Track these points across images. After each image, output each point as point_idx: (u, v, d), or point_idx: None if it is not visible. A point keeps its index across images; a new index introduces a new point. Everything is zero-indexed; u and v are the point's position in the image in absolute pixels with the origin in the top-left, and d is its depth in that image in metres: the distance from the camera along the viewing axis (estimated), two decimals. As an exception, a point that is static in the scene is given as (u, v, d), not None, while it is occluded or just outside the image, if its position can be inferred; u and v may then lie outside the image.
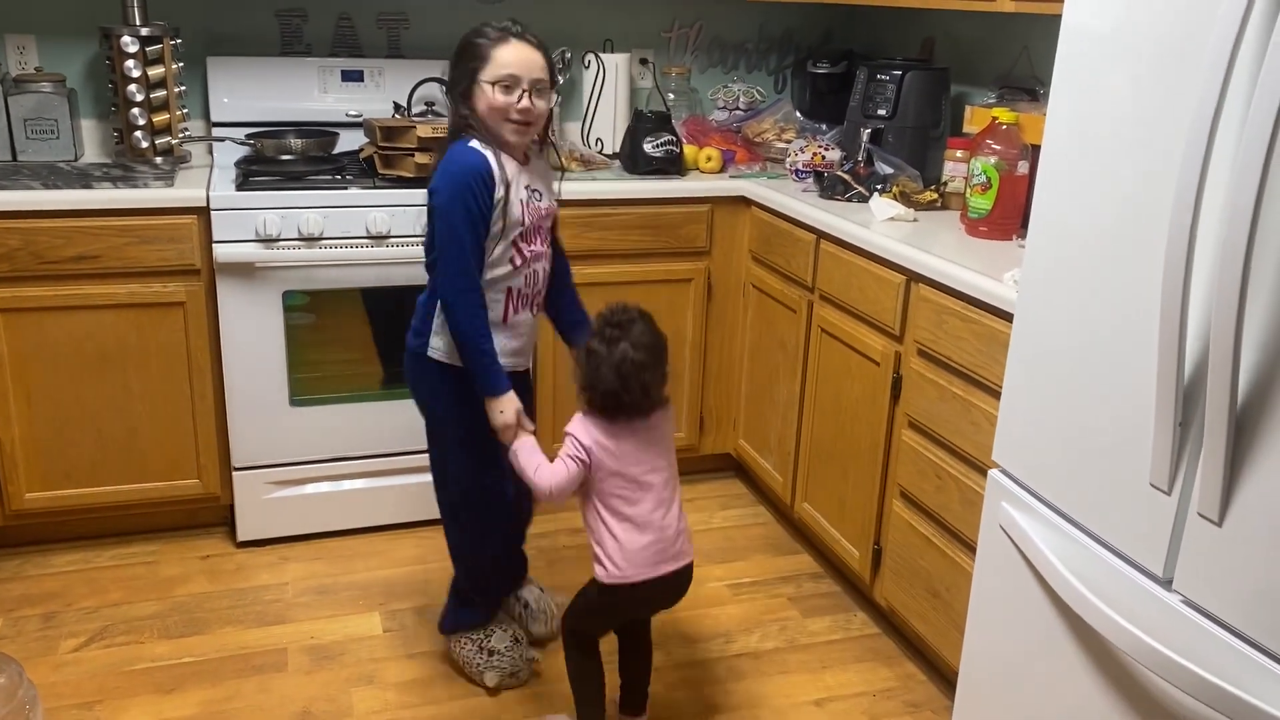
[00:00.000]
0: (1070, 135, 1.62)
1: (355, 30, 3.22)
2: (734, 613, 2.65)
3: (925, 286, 2.26)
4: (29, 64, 2.97)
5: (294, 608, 2.60)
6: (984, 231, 2.44)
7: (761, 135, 3.34)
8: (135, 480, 2.75)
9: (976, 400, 2.09)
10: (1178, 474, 1.41)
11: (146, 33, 2.80)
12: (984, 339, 2.06)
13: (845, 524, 2.64)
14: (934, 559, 2.26)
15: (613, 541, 1.96)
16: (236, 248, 2.62)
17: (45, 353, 2.59)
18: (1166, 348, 1.37)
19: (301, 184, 2.72)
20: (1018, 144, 2.41)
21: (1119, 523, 1.52)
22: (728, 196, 3.06)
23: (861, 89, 3.01)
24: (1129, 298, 1.49)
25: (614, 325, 1.96)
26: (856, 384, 2.54)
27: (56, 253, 2.53)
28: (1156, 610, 1.44)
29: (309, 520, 2.88)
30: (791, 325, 2.84)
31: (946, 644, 2.25)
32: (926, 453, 2.27)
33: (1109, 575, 1.53)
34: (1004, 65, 2.92)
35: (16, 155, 2.87)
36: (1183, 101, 1.37)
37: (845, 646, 2.54)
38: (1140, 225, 1.47)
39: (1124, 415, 1.50)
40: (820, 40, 3.66)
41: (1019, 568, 1.73)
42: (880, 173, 2.83)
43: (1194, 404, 1.38)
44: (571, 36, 3.38)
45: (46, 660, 2.36)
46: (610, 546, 1.96)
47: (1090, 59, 1.57)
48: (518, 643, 2.34)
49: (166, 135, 2.89)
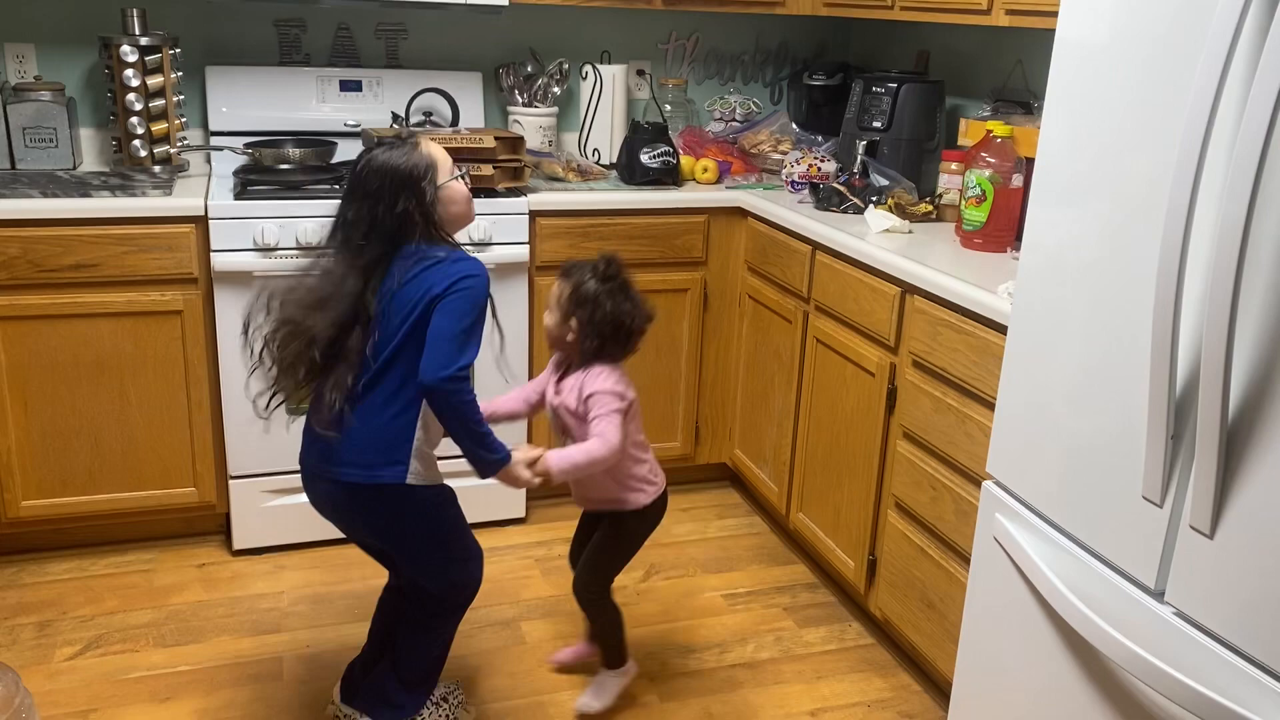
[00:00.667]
0: (1064, 148, 1.63)
1: (354, 40, 3.24)
2: (729, 623, 2.65)
3: (920, 298, 2.27)
4: (28, 73, 2.97)
5: (290, 616, 2.60)
6: (979, 244, 2.46)
7: (757, 146, 3.36)
8: (131, 488, 2.75)
9: (971, 412, 2.10)
10: (1170, 486, 1.42)
11: (146, 42, 2.81)
12: (979, 351, 2.07)
13: (840, 534, 2.64)
14: (928, 570, 2.27)
15: (645, 465, 2.20)
16: (234, 257, 2.63)
17: (43, 361, 2.59)
18: (1158, 360, 1.38)
19: (300, 193, 2.73)
20: (1012, 157, 2.43)
21: (1111, 535, 1.53)
22: (724, 207, 3.07)
23: (857, 101, 3.02)
24: (1122, 310, 1.50)
25: (612, 278, 2.09)
26: (852, 395, 2.55)
27: (55, 261, 2.53)
28: (1148, 622, 1.45)
29: (305, 529, 2.88)
30: (787, 336, 2.85)
31: (941, 654, 2.25)
32: (921, 464, 2.28)
33: (1102, 587, 1.54)
34: (998, 78, 2.94)
35: (15, 164, 2.87)
36: (1175, 116, 1.39)
37: (840, 657, 2.54)
38: (1133, 238, 1.48)
39: (1116, 428, 1.51)
40: (815, 53, 3.68)
41: (1013, 579, 1.74)
42: (875, 185, 2.84)
43: (1186, 417, 1.39)
44: (569, 48, 3.40)
45: (42, 668, 2.36)
46: (645, 470, 2.20)
47: (1084, 72, 1.58)
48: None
49: (165, 144, 2.90)
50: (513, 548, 2.96)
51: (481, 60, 3.34)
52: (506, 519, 3.06)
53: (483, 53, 3.35)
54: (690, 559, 2.95)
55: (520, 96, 3.31)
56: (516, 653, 2.49)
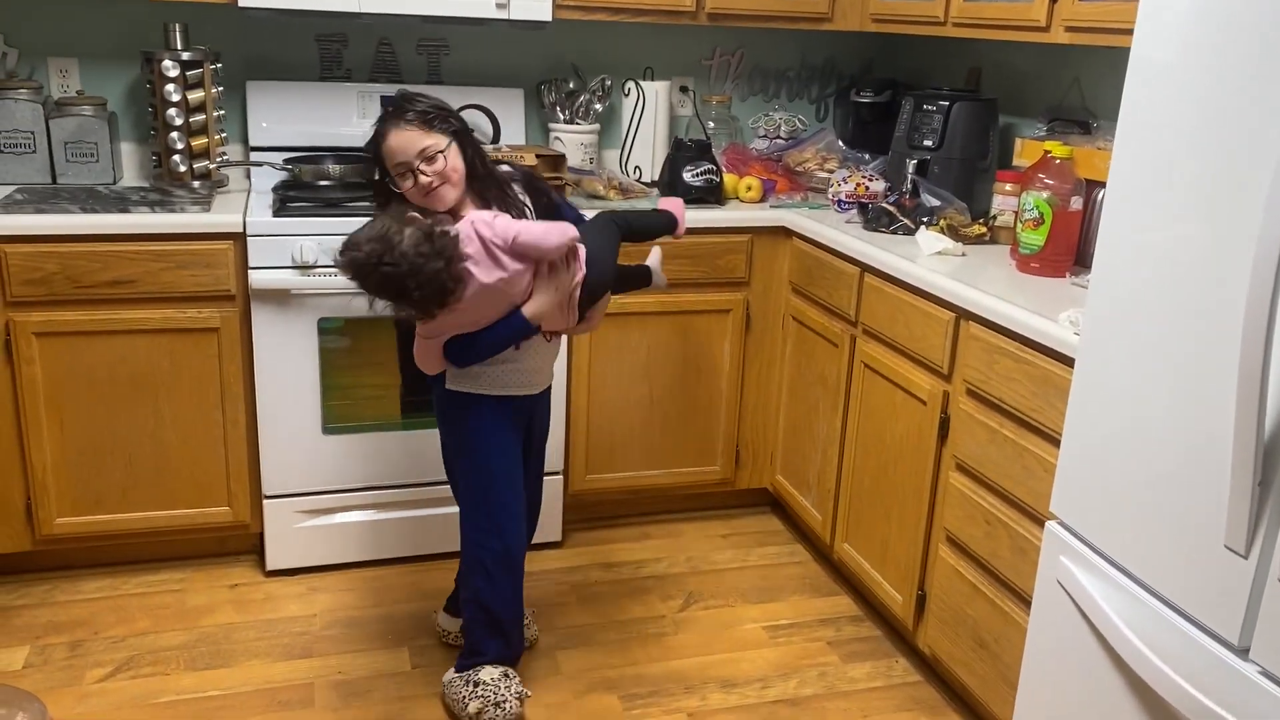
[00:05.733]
0: (1139, 168, 1.55)
1: (395, 56, 3.21)
2: (771, 656, 2.57)
3: (975, 324, 2.18)
4: (71, 87, 2.97)
5: (321, 641, 2.55)
6: (1036, 268, 2.37)
7: (803, 165, 3.29)
8: (165, 507, 2.72)
9: (1029, 445, 2.01)
10: (1256, 537, 1.33)
11: (187, 57, 2.79)
12: (1038, 381, 1.98)
13: (888, 567, 2.55)
14: (982, 608, 2.18)
15: None
16: (272, 274, 2.59)
17: (79, 377, 2.57)
18: (1245, 400, 1.29)
19: (339, 210, 2.69)
20: (1071, 178, 2.34)
21: (1190, 585, 1.44)
22: (768, 227, 3.00)
23: (907, 119, 2.95)
24: (1203, 344, 1.41)
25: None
26: (901, 422, 2.47)
27: (93, 277, 2.51)
28: (1230, 680, 1.36)
29: (339, 550, 2.84)
30: (833, 359, 2.77)
31: (994, 696, 2.16)
32: (975, 497, 2.19)
33: (1178, 640, 1.45)
34: (1054, 97, 2.85)
35: (56, 178, 2.87)
36: (1266, 129, 1.30)
37: (887, 694, 2.45)
38: (1217, 264, 1.39)
39: (1196, 472, 1.42)
40: (862, 69, 3.61)
41: (1078, 626, 1.65)
42: (926, 205, 2.76)
43: (1275, 461, 1.30)
44: (611, 64, 3.35)
45: (72, 691, 2.32)
46: None
47: (1161, 87, 1.50)
48: (507, 677, 2.26)
49: (205, 159, 2.88)
50: (548, 573, 2.89)
51: (523, 76, 3.30)
52: (542, 543, 3.00)
53: (525, 69, 3.31)
54: (730, 588, 2.87)
55: (562, 113, 3.26)
56: (553, 683, 2.42)
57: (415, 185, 2.01)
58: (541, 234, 2.02)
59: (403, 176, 2.02)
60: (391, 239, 1.89)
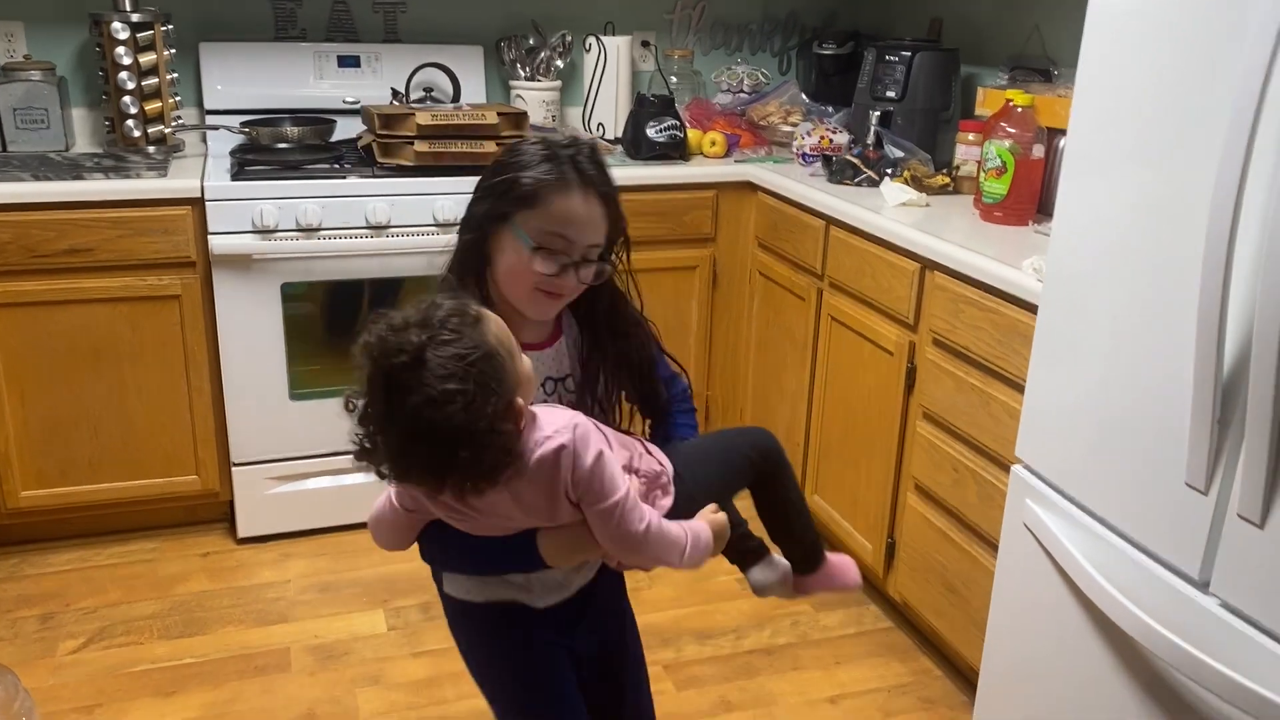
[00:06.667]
0: (1099, 116, 1.56)
1: (351, 15, 3.15)
2: (744, 607, 2.60)
3: (940, 274, 2.20)
4: (18, 52, 2.89)
5: (296, 606, 2.55)
6: (999, 217, 2.38)
7: (767, 118, 3.28)
8: (133, 477, 2.69)
9: (995, 392, 2.04)
10: (1216, 473, 1.35)
11: (137, 19, 2.72)
12: (1003, 329, 2.00)
13: (858, 517, 2.59)
14: (950, 554, 2.22)
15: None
16: (233, 239, 2.56)
17: (39, 348, 2.53)
18: (1205, 340, 1.32)
19: (299, 173, 2.65)
20: (1033, 127, 2.35)
21: (1152, 523, 1.47)
22: (733, 182, 3.00)
23: (870, 70, 2.94)
24: (1163, 286, 1.43)
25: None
26: (869, 374, 2.49)
27: (48, 246, 2.46)
28: (1192, 614, 1.39)
29: (311, 515, 2.83)
30: (800, 314, 2.78)
31: (963, 640, 2.20)
32: (943, 445, 2.22)
33: (1141, 577, 1.48)
34: (1015, 46, 2.85)
35: (6, 146, 2.80)
36: (1225, 76, 1.31)
37: (859, 641, 2.49)
38: (1176, 208, 1.41)
39: (1157, 411, 1.45)
40: (825, 21, 3.59)
41: (1044, 567, 1.68)
42: (890, 156, 2.76)
43: (1234, 400, 1.32)
44: (572, 19, 3.31)
45: (45, 663, 2.31)
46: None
47: (1120, 34, 1.51)
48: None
49: (159, 124, 2.82)
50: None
51: (482, 34, 3.25)
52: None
53: (484, 26, 3.26)
54: (703, 542, 2.90)
55: (522, 70, 3.22)
56: None
57: (557, 276, 1.37)
58: (658, 537, 1.31)
59: (551, 255, 1.35)
60: (470, 338, 1.16)
